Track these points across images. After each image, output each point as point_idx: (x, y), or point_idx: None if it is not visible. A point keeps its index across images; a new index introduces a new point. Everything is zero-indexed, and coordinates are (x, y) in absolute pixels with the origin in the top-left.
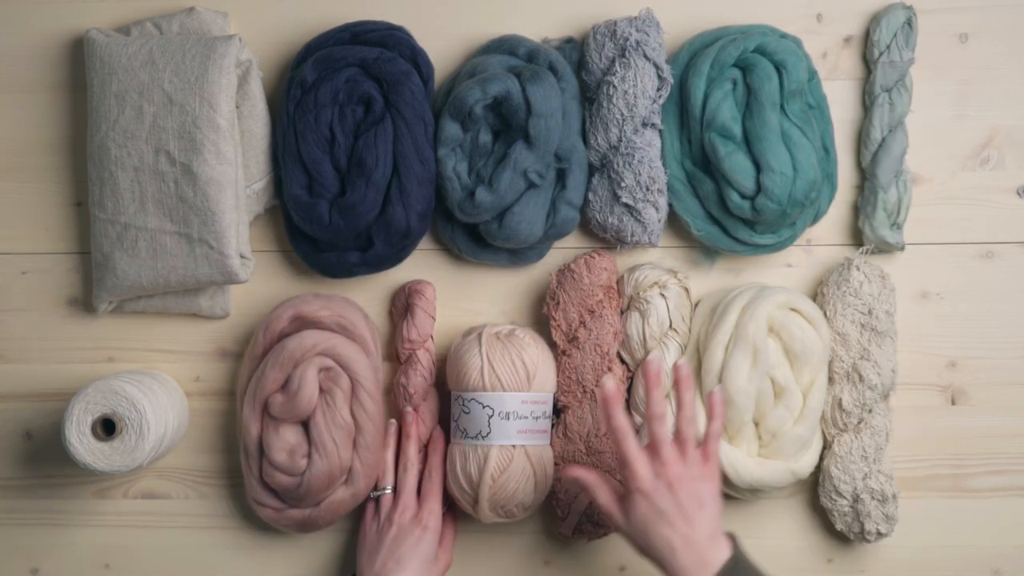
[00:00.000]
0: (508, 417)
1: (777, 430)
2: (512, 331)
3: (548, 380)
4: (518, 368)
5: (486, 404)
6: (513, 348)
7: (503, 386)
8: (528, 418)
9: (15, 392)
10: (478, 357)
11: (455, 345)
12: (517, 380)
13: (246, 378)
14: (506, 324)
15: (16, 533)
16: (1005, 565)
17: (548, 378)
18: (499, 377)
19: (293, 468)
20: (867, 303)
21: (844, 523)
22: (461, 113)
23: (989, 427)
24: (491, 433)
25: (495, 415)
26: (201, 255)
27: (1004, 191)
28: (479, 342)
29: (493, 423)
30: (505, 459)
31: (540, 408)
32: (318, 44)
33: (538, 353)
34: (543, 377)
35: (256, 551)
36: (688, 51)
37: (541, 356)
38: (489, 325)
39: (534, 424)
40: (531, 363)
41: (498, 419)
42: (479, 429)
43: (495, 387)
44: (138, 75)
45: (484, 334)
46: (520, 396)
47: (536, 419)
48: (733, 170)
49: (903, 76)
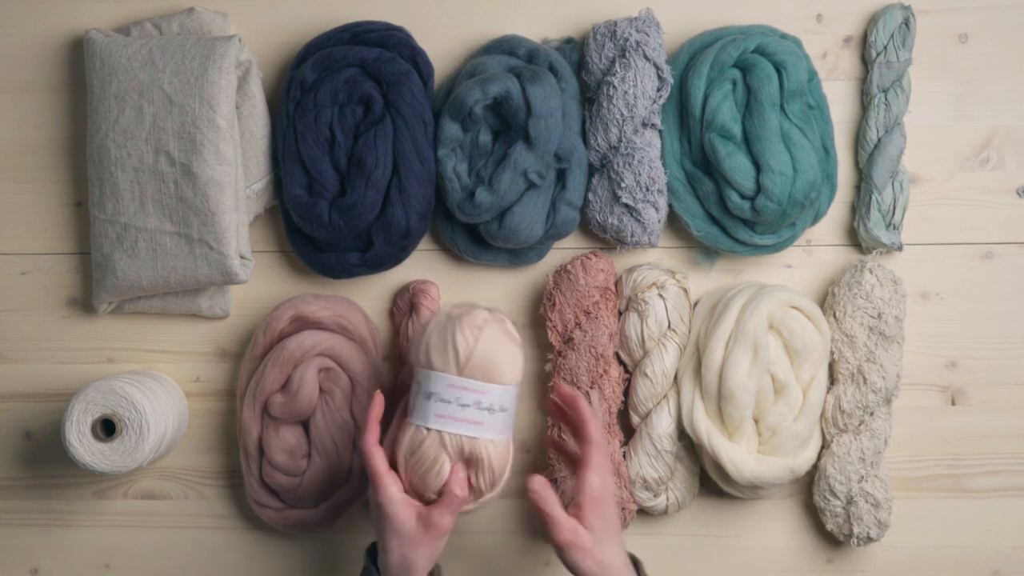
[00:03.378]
0: (429, 398)
1: (777, 426)
2: (469, 311)
3: (488, 368)
4: (447, 348)
5: (418, 380)
6: (452, 327)
7: (432, 364)
8: (452, 403)
9: (15, 392)
10: (423, 330)
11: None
12: (443, 361)
13: (246, 378)
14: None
15: (16, 533)
16: (1004, 565)
17: (491, 368)
18: (429, 353)
19: (293, 468)
20: (877, 307)
21: (835, 523)
22: (461, 113)
23: (988, 427)
24: (413, 411)
25: (420, 392)
26: (201, 255)
27: (1004, 191)
28: (435, 315)
29: (417, 400)
30: (416, 440)
31: (472, 397)
32: (318, 44)
33: (481, 338)
34: (481, 363)
35: (256, 551)
36: (688, 51)
37: (486, 342)
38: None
39: (459, 412)
40: (464, 347)
41: (422, 397)
42: (411, 405)
43: (426, 365)
44: (138, 75)
45: (444, 308)
46: (446, 379)
47: (463, 407)
48: (733, 170)
49: (900, 77)
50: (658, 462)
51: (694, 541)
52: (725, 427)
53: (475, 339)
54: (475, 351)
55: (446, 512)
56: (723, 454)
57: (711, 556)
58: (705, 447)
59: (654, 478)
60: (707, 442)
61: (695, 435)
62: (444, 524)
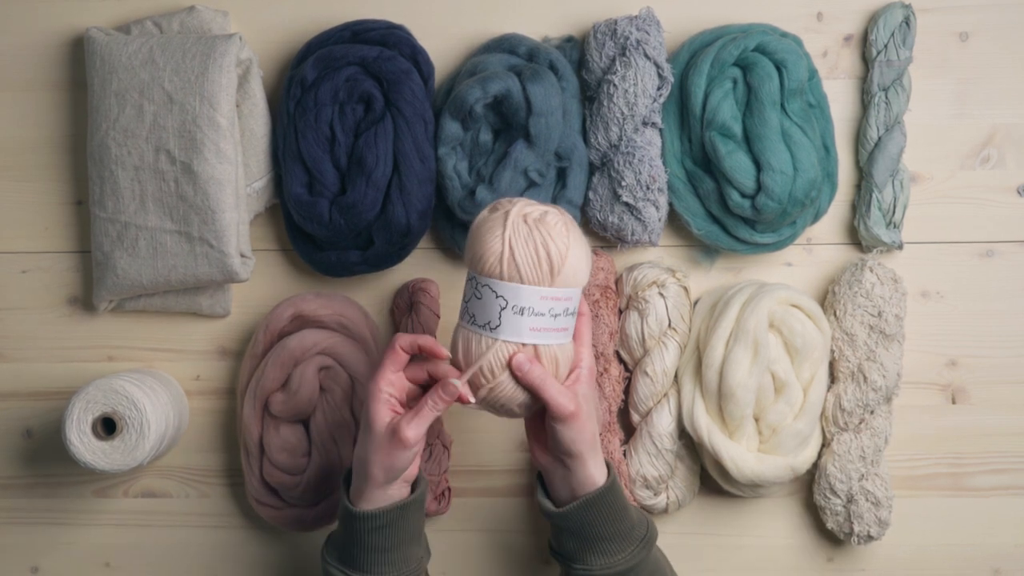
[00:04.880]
0: (523, 312)
1: (777, 425)
2: (544, 214)
3: (578, 274)
4: (541, 259)
5: (500, 294)
6: (539, 235)
7: (521, 278)
8: (546, 315)
9: (15, 391)
10: (499, 241)
11: (478, 220)
12: (539, 274)
13: (246, 377)
14: (540, 205)
15: (16, 532)
16: (1005, 564)
17: (578, 271)
18: (519, 267)
19: (294, 467)
20: (877, 305)
21: (835, 522)
22: (461, 112)
23: (989, 426)
24: (500, 326)
25: (507, 307)
26: (201, 254)
27: (1004, 190)
28: (503, 223)
29: (504, 316)
30: (501, 360)
31: (561, 305)
32: (318, 43)
33: (569, 243)
34: (572, 271)
35: (257, 550)
36: (688, 50)
37: (573, 247)
38: (521, 203)
39: (551, 322)
40: (557, 256)
41: (511, 312)
42: (488, 319)
43: (512, 277)
44: (138, 74)
45: (511, 214)
46: (540, 291)
47: (555, 317)
48: (733, 169)
49: (900, 75)
50: (658, 461)
51: (694, 540)
52: (725, 425)
53: (566, 247)
54: (567, 260)
55: (413, 423)
56: (723, 452)
57: (711, 555)
58: (705, 445)
59: (654, 476)
60: (707, 440)
61: (695, 434)
62: (407, 437)
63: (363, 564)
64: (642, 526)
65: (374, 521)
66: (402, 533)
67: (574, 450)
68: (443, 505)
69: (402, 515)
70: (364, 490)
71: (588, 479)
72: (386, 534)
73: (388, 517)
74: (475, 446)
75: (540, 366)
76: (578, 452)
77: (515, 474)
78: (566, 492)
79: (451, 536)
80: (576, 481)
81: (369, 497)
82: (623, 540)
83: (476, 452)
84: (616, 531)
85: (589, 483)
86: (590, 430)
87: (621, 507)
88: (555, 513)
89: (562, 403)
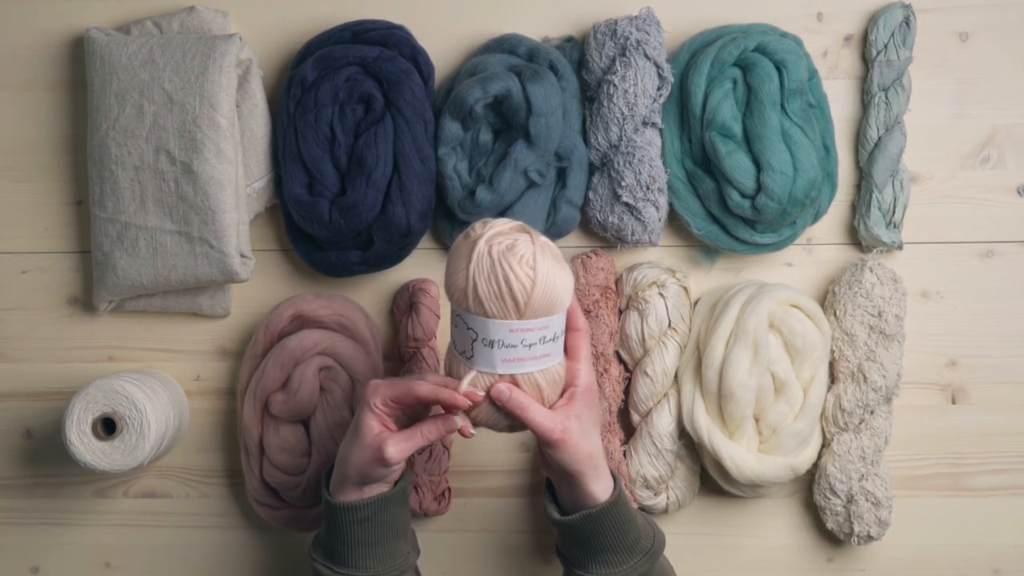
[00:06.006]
0: (492, 345)
1: (777, 425)
2: (513, 244)
3: (552, 304)
4: (504, 295)
5: (470, 326)
6: (502, 270)
7: (486, 313)
8: (518, 347)
9: (15, 391)
10: (463, 275)
11: (453, 245)
12: (503, 309)
13: (246, 377)
14: (513, 232)
15: (16, 532)
16: (1005, 564)
17: (552, 301)
18: (483, 303)
19: (293, 467)
20: (877, 305)
21: (835, 522)
22: (461, 112)
23: (989, 426)
24: (474, 357)
25: (478, 340)
26: (201, 254)
27: (1004, 190)
28: (469, 256)
29: (476, 347)
30: (483, 385)
31: (536, 335)
32: (318, 43)
33: (536, 275)
34: (542, 302)
35: (256, 551)
36: (688, 50)
37: (543, 278)
38: (494, 229)
39: (526, 352)
40: (521, 291)
41: (481, 345)
42: (464, 348)
43: (479, 312)
44: (138, 74)
45: (479, 244)
46: (508, 324)
47: (529, 347)
48: (733, 169)
49: (900, 76)
50: (658, 461)
51: (694, 540)
52: (725, 426)
53: (531, 280)
54: (534, 293)
55: (400, 445)
56: (723, 453)
57: (711, 555)
58: (705, 446)
59: (654, 477)
60: (707, 441)
61: (695, 434)
62: (390, 456)
63: (348, 559)
64: (648, 538)
65: (355, 513)
66: (385, 527)
67: (570, 471)
68: (443, 505)
69: (384, 508)
70: (342, 485)
71: (589, 496)
72: (369, 528)
73: (370, 509)
74: (475, 446)
75: (521, 393)
76: (576, 471)
77: (515, 474)
78: (571, 503)
79: (451, 536)
80: (578, 496)
81: (346, 492)
82: (627, 552)
83: (476, 452)
84: (620, 543)
85: (591, 499)
86: (585, 450)
87: (626, 520)
88: (559, 522)
89: (547, 429)
